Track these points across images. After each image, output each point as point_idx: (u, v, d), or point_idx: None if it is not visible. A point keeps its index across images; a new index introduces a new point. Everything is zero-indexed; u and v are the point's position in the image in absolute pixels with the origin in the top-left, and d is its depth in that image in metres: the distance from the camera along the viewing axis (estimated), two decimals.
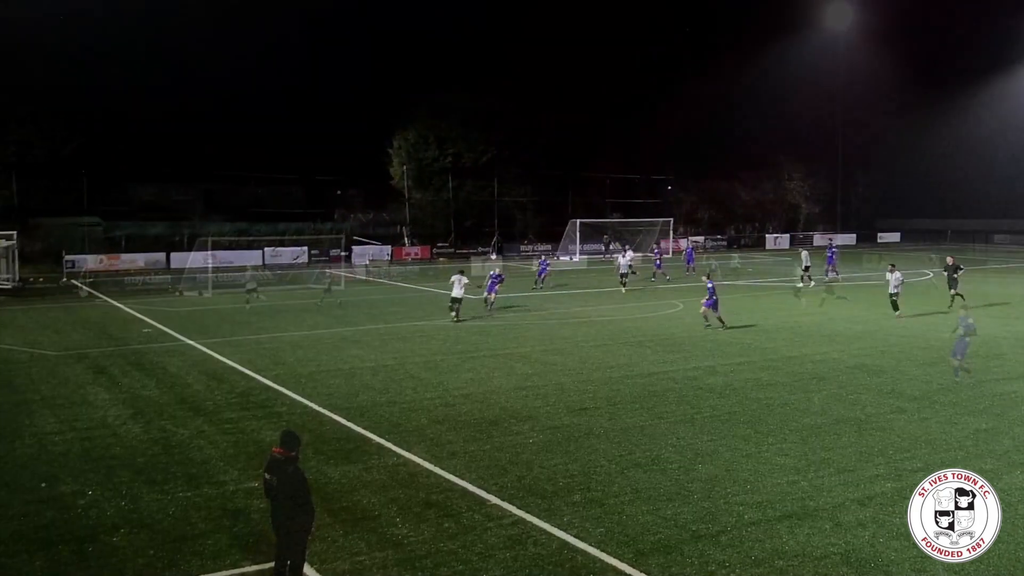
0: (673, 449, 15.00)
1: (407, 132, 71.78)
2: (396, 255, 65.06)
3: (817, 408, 17.89)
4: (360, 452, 14.96)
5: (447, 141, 71.26)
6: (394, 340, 26.63)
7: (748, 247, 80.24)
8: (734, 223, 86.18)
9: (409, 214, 72.37)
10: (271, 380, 20.77)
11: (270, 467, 9.62)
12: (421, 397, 18.99)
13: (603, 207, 77.70)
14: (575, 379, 20.89)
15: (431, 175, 71.63)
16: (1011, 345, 25.62)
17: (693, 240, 73.15)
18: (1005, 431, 16.15)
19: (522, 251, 69.44)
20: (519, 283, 42.62)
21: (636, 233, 72.31)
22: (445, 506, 12.35)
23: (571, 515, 11.96)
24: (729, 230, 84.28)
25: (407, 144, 71.54)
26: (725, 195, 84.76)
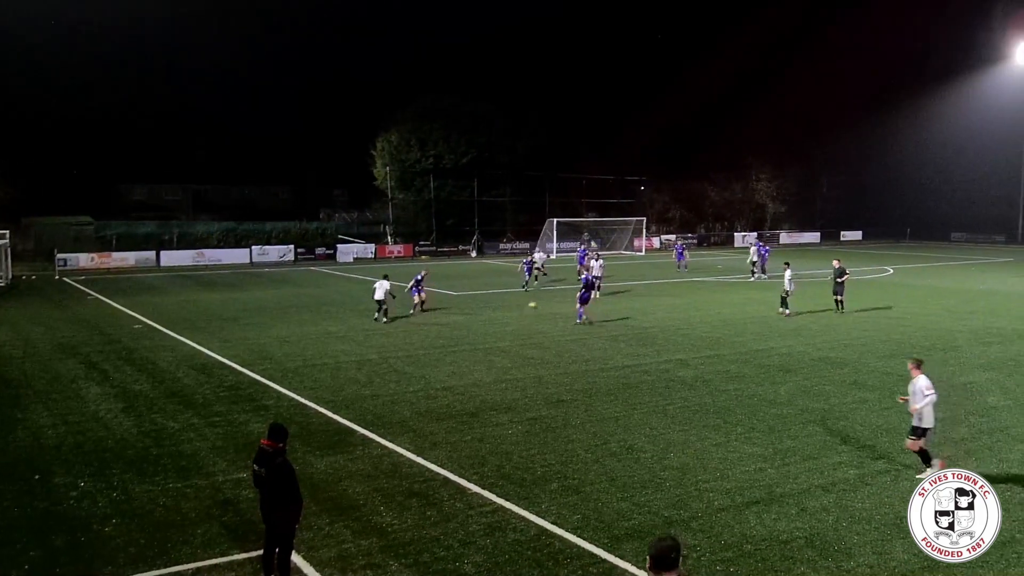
0: (646, 439, 15.07)
1: (390, 135, 71.59)
2: (380, 253, 64.88)
3: (784, 399, 18.03)
4: (345, 443, 14.93)
5: (429, 143, 71.12)
6: (377, 335, 26.57)
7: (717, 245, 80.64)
8: (704, 222, 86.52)
9: (392, 213, 72.17)
10: (259, 374, 20.68)
11: (258, 458, 9.59)
12: (404, 390, 18.97)
13: (579, 207, 77.80)
14: (552, 372, 20.93)
15: (413, 176, 71.48)
16: (966, 339, 25.91)
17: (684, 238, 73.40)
18: (961, 420, 16.36)
19: (501, 249, 69.41)
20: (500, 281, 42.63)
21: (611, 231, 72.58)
22: (427, 495, 12.36)
23: (549, 503, 12.00)
24: (699, 229, 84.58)
25: (390, 146, 71.35)
26: (696, 195, 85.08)
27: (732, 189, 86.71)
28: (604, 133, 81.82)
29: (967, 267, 55.52)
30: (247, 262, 59.11)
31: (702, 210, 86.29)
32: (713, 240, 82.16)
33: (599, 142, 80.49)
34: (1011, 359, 22.54)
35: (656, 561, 5.74)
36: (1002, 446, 14.69)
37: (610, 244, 71.63)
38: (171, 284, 44.50)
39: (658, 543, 5.82)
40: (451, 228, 71.65)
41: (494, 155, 72.83)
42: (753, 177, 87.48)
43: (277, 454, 9.48)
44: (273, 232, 65.15)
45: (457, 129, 71.69)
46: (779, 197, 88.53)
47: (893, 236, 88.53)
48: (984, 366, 21.61)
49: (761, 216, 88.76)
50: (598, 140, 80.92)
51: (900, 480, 12.92)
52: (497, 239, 71.63)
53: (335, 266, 57.95)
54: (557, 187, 76.64)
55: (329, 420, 16.51)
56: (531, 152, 75.19)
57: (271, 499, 9.45)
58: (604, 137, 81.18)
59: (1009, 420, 16.37)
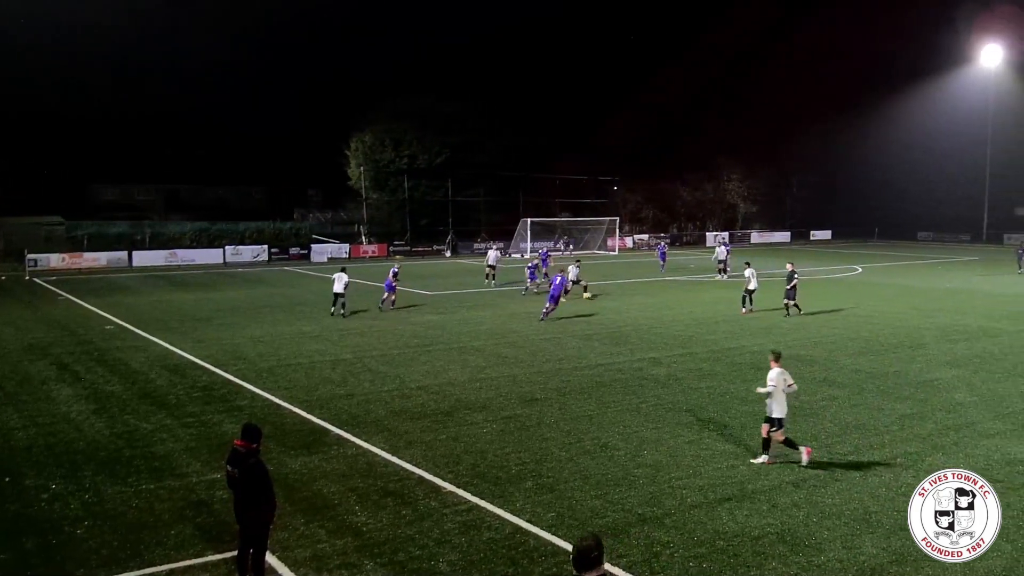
0: (620, 437, 15.12)
1: (364, 135, 71.30)
2: (354, 253, 64.60)
3: (755, 397, 18.08)
4: (320, 443, 14.85)
5: (403, 143, 70.92)
6: (352, 335, 26.45)
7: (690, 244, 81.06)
8: (676, 222, 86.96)
9: (366, 213, 71.89)
10: (232, 375, 20.52)
11: (232, 459, 9.51)
12: (379, 389, 18.90)
13: (553, 206, 77.92)
14: (527, 371, 20.94)
15: (387, 176, 71.24)
16: (933, 336, 26.24)
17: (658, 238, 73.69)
18: (928, 416, 16.56)
19: (476, 249, 69.37)
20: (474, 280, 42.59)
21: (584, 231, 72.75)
22: (402, 494, 12.32)
23: (523, 501, 12.00)
24: (672, 229, 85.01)
25: (364, 146, 71.05)
26: (668, 195, 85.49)
27: (704, 189, 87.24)
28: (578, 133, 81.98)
29: (934, 266, 56.21)
30: (220, 262, 58.64)
31: (674, 210, 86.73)
32: (685, 240, 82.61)
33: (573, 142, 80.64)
34: (976, 356, 22.85)
35: (577, 561, 5.76)
36: (968, 442, 14.87)
37: (583, 244, 71.81)
38: (143, 284, 44.04)
39: (579, 542, 5.86)
40: (425, 228, 71.52)
41: (468, 155, 72.77)
42: (724, 177, 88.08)
43: (251, 454, 9.40)
44: (247, 232, 64.64)
45: (431, 129, 71.57)
46: (750, 197, 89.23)
47: (862, 235, 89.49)
48: (950, 363, 21.88)
49: (732, 216, 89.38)
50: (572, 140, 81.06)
51: (869, 476, 13.06)
52: (471, 239, 71.58)
53: (309, 266, 57.63)
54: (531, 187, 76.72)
55: (303, 420, 16.41)
56: (505, 152, 75.20)
57: (245, 500, 9.37)
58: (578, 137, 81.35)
59: (975, 416, 16.58)
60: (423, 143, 71.20)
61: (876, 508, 11.72)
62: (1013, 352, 23.49)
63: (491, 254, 42.46)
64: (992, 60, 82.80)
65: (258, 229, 65.66)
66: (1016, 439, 15.01)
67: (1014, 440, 14.94)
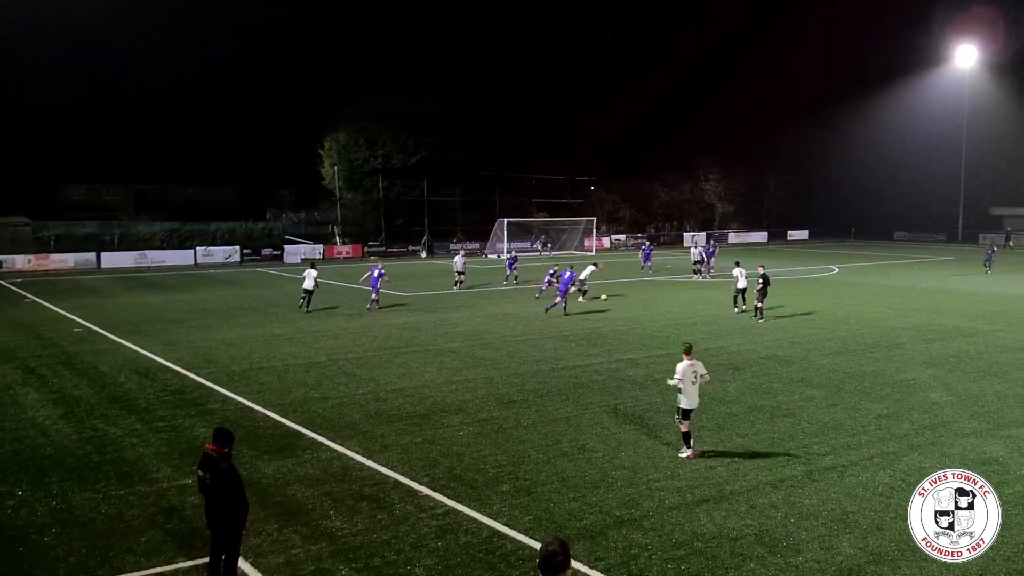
0: (598, 439, 15.16)
1: (338, 134, 70.99)
2: (328, 254, 64.30)
3: (732, 397, 18.27)
4: (293, 447, 14.77)
5: (377, 143, 70.67)
6: (326, 337, 26.33)
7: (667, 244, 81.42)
8: (654, 222, 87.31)
9: (340, 214, 71.61)
10: (204, 378, 20.36)
11: (203, 464, 9.44)
12: (353, 392, 18.83)
13: (529, 206, 78.00)
14: (503, 372, 20.94)
15: (362, 176, 70.97)
16: (910, 336, 26.52)
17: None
18: (904, 416, 16.74)
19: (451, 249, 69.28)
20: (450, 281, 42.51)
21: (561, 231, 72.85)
22: (378, 498, 12.28)
23: (500, 504, 12.00)
24: (649, 229, 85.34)
25: (337, 146, 70.74)
26: (645, 195, 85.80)
27: (681, 189, 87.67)
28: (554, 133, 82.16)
29: (910, 265, 56.83)
30: (191, 263, 58.18)
31: (652, 210, 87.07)
32: (663, 240, 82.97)
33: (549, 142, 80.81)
34: (952, 356, 23.13)
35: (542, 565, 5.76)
36: (944, 441, 15.05)
37: (560, 244, 71.93)
38: (112, 286, 43.60)
39: (545, 546, 5.85)
40: (400, 228, 71.36)
41: (444, 155, 72.66)
42: (702, 177, 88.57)
43: (223, 459, 9.33)
44: (218, 232, 64.15)
45: (406, 128, 71.39)
46: (727, 197, 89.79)
47: (838, 235, 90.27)
48: (926, 362, 22.13)
49: (710, 216, 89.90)
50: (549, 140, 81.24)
51: (846, 476, 13.18)
52: (447, 239, 71.50)
53: (282, 267, 57.30)
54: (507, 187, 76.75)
55: (277, 424, 16.32)
56: (481, 152, 75.19)
57: (217, 505, 9.31)
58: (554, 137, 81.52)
59: (951, 416, 16.78)
60: (398, 142, 71.02)
61: (853, 508, 11.83)
62: (988, 352, 23.80)
63: (458, 259, 41.60)
64: (967, 60, 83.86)
65: (230, 229, 65.19)
66: (991, 438, 15.21)
67: (989, 439, 15.14)
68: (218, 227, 65.06)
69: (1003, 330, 27.79)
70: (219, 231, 64.45)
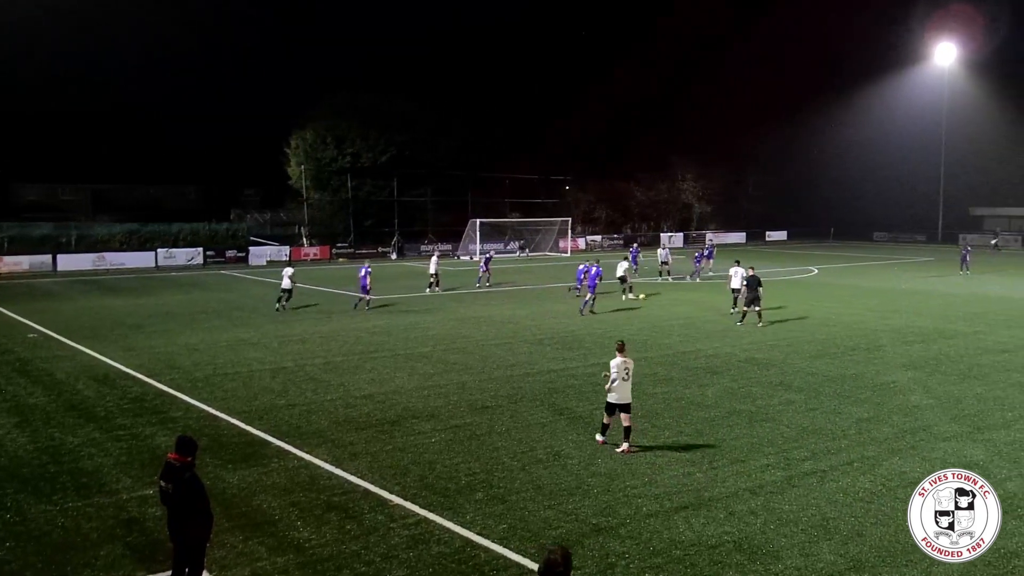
0: (573, 445, 15.19)
1: (305, 132, 70.63)
2: (295, 256, 63.91)
3: (711, 401, 18.38)
4: (259, 456, 14.67)
5: (346, 141, 70.39)
6: (293, 342, 26.19)
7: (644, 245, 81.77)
8: (630, 222, 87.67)
9: (307, 214, 71.24)
10: (166, 384, 20.17)
11: (165, 474, 9.34)
12: (321, 399, 18.74)
13: (503, 207, 78.04)
14: (476, 378, 20.94)
15: (329, 175, 70.64)
16: (890, 338, 26.82)
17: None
18: (885, 419, 16.93)
19: (423, 251, 69.17)
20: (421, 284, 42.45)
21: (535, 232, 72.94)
22: (347, 508, 12.23)
23: (474, 513, 11.99)
24: (625, 229, 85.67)
25: (304, 144, 70.37)
26: (622, 195, 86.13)
27: (658, 189, 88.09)
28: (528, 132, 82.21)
29: (889, 266, 57.50)
30: (152, 266, 57.66)
31: (628, 210, 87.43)
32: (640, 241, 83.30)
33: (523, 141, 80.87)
34: (932, 358, 23.42)
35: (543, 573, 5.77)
36: (925, 445, 15.23)
37: (535, 245, 72.01)
38: (69, 290, 43.10)
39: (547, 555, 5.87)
40: (370, 229, 71.12)
41: (414, 153, 72.52)
42: (679, 177, 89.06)
43: (185, 468, 9.25)
44: (180, 234, 63.57)
45: (376, 126, 71.18)
46: (705, 197, 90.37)
47: (817, 236, 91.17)
48: (907, 365, 22.40)
49: (687, 216, 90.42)
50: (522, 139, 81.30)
51: (826, 481, 13.30)
52: (418, 240, 71.36)
53: (247, 269, 56.94)
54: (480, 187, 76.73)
55: (242, 432, 16.21)
56: (453, 151, 75.10)
57: (179, 516, 9.22)
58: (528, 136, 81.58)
59: (932, 419, 16.99)
60: (367, 141, 70.78)
61: (834, 514, 11.94)
62: (968, 354, 24.13)
63: (433, 260, 41.56)
64: (946, 58, 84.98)
65: (192, 231, 64.64)
66: (972, 442, 15.42)
67: (969, 443, 15.34)
68: (180, 228, 64.46)
69: (983, 332, 28.20)
70: (181, 232, 63.87)
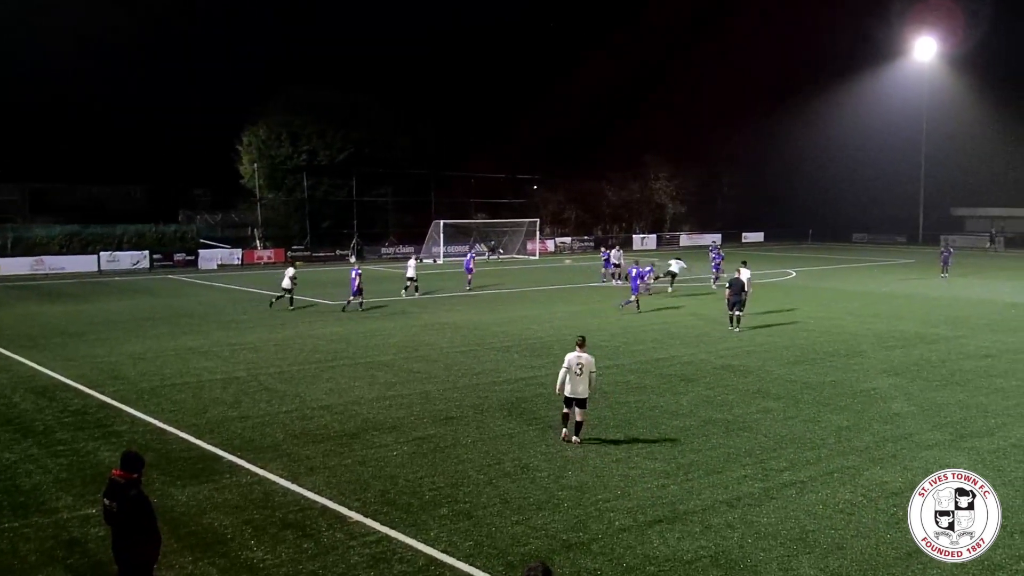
0: (542, 457, 15.20)
1: (257, 128, 70.12)
2: (247, 259, 63.43)
3: (686, 410, 18.48)
4: (210, 471, 14.54)
5: (301, 137, 70.01)
6: (245, 350, 25.99)
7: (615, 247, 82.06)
8: (601, 223, 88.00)
9: (261, 215, 70.71)
10: (109, 396, 19.93)
11: (110, 491, 9.24)
12: (276, 410, 18.61)
13: (468, 207, 78.01)
14: (440, 387, 20.90)
15: (284, 173, 70.20)
16: (871, 343, 27.15)
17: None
18: (865, 427, 17.12)
19: (383, 253, 68.93)
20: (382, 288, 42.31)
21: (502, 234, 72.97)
22: (304, 525, 12.15)
23: (438, 529, 11.96)
24: (596, 231, 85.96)
25: (257, 141, 69.87)
26: (592, 195, 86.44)
27: (630, 189, 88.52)
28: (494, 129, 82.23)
29: (869, 268, 58.25)
30: (95, 270, 56.92)
31: (599, 211, 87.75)
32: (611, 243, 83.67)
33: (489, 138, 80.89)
34: (914, 363, 23.74)
35: None
36: (907, 454, 15.42)
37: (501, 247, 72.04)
38: (5, 296, 42.42)
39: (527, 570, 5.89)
40: (327, 231, 70.78)
41: (374, 151, 72.28)
42: (651, 176, 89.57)
43: (131, 485, 9.15)
44: (125, 236, 62.82)
45: (333, 123, 70.88)
46: (679, 197, 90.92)
47: (795, 237, 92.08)
48: (888, 371, 22.68)
49: (660, 217, 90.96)
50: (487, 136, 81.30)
51: (805, 493, 13.42)
52: (378, 242, 71.12)
53: (197, 273, 56.40)
54: (444, 186, 76.65)
55: (191, 446, 16.05)
56: (415, 148, 74.97)
57: (125, 537, 9.12)
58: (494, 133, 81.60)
59: (913, 427, 17.21)
60: (324, 138, 70.46)
61: (813, 527, 12.04)
62: (951, 359, 24.49)
63: (411, 263, 41.89)
64: (926, 53, 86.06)
65: (138, 233, 63.92)
66: (954, 450, 15.63)
67: (952, 451, 15.56)
68: (125, 230, 63.71)
69: (965, 336, 28.63)
70: (126, 234, 63.12)
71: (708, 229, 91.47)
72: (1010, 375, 22.36)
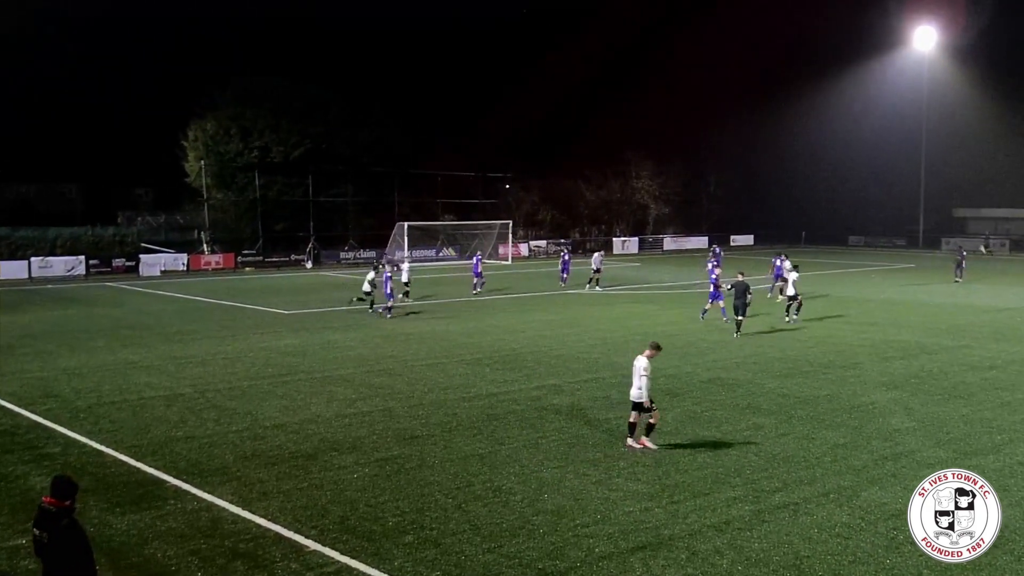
0: (516, 479, 15.19)
1: (205, 122, 69.74)
2: (194, 264, 63.03)
3: (671, 427, 18.52)
4: (152, 497, 14.41)
5: (253, 133, 69.71)
6: (191, 364, 25.80)
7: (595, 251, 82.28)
8: (579, 225, 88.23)
9: (208, 217, 70.30)
10: (41, 416, 19.71)
11: (39, 520, 9.12)
12: (225, 430, 18.48)
13: (434, 208, 77.98)
14: (405, 403, 20.84)
15: (234, 172, 69.89)
16: (867, 354, 27.37)
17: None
18: (863, 445, 17.24)
19: (343, 259, 68.71)
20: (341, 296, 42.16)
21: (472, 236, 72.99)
22: (255, 556, 12.07)
23: (403, 558, 11.92)
24: (574, 233, 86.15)
25: (205, 136, 69.50)
26: (569, 195, 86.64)
27: (609, 188, 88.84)
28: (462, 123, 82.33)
29: (866, 274, 58.73)
30: (25, 277, 56.37)
31: (576, 211, 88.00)
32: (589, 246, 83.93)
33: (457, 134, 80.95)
34: (914, 376, 23.95)
35: None
36: (907, 472, 15.53)
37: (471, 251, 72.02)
38: None
39: None
40: (282, 234, 70.54)
41: (332, 147, 72.14)
42: (633, 175, 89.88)
43: (63, 514, 9.04)
44: (58, 240, 62.34)
45: (287, 116, 70.69)
46: (662, 197, 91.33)
47: (787, 240, 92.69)
48: (886, 384, 22.86)
49: (643, 218, 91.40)
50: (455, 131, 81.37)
51: (799, 515, 13.48)
52: (337, 246, 70.92)
53: (138, 281, 55.97)
54: (408, 185, 76.59)
55: (131, 469, 15.90)
56: (376, 144, 74.88)
57: (56, 570, 9.01)
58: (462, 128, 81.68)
59: (914, 444, 17.35)
60: (278, 133, 70.21)
61: (808, 552, 12.10)
62: (953, 371, 24.74)
63: (404, 267, 42.83)
64: (926, 43, 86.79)
65: (73, 236, 63.41)
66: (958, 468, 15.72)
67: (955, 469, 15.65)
68: (58, 233, 63.20)
69: (969, 346, 28.95)
70: (59, 238, 62.63)
71: (694, 231, 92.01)
72: (1017, 388, 22.61)
